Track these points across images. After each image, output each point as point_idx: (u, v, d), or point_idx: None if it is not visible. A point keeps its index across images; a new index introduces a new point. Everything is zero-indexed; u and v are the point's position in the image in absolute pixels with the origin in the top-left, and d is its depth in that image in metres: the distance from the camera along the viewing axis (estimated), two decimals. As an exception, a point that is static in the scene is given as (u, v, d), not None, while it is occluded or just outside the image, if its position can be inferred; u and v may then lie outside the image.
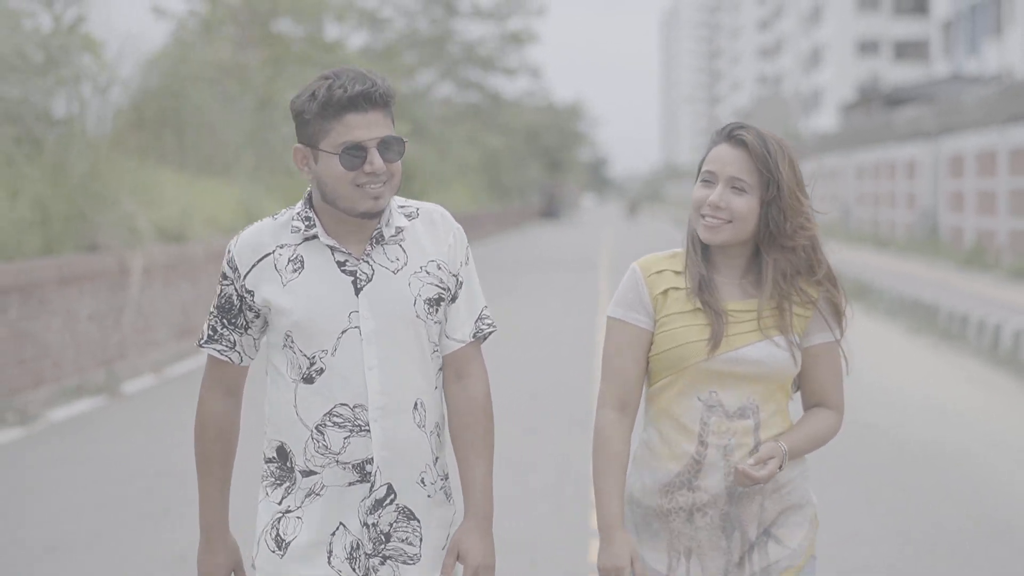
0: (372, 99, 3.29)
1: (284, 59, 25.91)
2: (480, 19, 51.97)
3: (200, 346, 3.50)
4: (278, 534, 3.38)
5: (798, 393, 3.67)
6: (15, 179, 12.88)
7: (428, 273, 3.41)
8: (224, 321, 3.45)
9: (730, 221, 3.44)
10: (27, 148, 13.88)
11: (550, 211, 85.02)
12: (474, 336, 3.49)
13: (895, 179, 44.33)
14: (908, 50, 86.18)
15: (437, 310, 3.43)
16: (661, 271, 3.53)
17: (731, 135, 3.47)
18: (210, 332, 3.47)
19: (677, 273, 3.53)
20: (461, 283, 3.48)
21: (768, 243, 3.47)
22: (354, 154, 3.29)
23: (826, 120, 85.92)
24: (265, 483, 3.45)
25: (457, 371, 3.48)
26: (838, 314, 3.54)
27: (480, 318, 3.51)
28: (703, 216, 3.47)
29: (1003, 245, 31.69)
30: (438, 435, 3.45)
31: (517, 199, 76.56)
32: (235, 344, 3.46)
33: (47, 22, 16.03)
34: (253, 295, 3.39)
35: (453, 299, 3.47)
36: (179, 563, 7.07)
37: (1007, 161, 31.92)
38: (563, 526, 7.82)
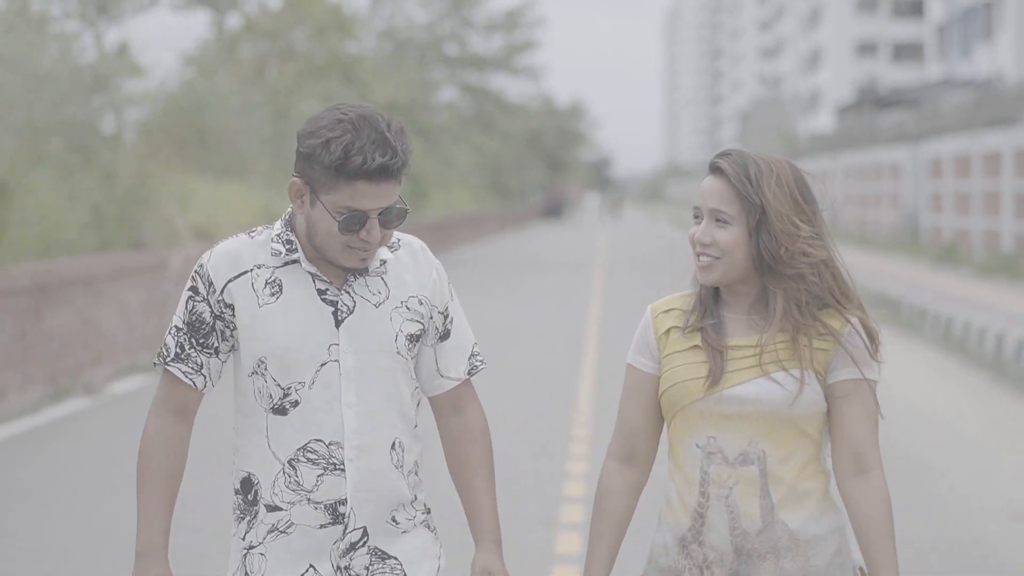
0: (388, 172, 3.09)
1: (303, 73, 27.66)
2: (489, 32, 53.39)
3: (165, 365, 3.24)
4: (247, 572, 3.24)
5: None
6: (74, 188, 14.85)
7: (409, 309, 3.24)
8: (193, 341, 3.22)
9: (719, 257, 3.19)
10: (79, 157, 15.86)
11: (551, 211, 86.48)
12: (468, 373, 3.35)
13: (880, 181, 45.90)
14: (906, 52, 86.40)
15: (416, 346, 3.27)
16: (669, 310, 3.30)
17: (711, 165, 3.23)
18: (177, 350, 3.22)
19: (685, 311, 3.28)
20: (452, 319, 3.32)
21: (768, 273, 3.19)
22: (354, 220, 3.11)
23: (824, 121, 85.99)
24: (233, 516, 3.28)
25: (454, 406, 3.35)
26: (866, 348, 3.21)
27: (472, 355, 3.36)
28: (697, 255, 3.24)
29: (976, 244, 33.41)
30: (416, 474, 3.30)
31: (519, 200, 78.20)
32: (202, 367, 3.23)
33: (89, 41, 17.98)
34: (233, 310, 3.20)
35: (444, 336, 3.32)
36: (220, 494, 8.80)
37: (981, 164, 33.46)
38: (542, 472, 9.62)
